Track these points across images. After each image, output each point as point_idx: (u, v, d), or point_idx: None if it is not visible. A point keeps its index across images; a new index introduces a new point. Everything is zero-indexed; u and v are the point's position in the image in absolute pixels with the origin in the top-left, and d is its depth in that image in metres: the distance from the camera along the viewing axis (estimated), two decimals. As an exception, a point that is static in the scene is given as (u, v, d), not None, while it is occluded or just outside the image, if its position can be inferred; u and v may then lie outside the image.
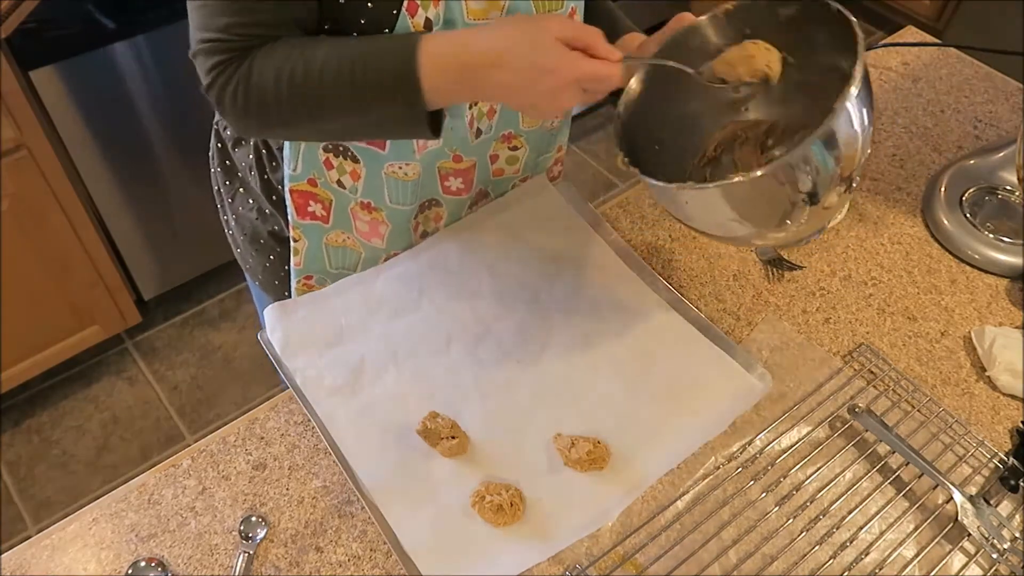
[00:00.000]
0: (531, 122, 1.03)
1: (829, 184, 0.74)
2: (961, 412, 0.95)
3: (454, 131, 0.96)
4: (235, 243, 1.16)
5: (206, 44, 0.80)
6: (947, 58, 1.42)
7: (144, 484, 0.88)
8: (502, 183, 1.11)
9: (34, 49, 1.61)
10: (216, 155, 1.09)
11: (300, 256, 1.06)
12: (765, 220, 0.79)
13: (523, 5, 0.87)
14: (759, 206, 0.78)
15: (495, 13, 0.86)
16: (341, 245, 1.06)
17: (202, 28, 0.80)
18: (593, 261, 1.06)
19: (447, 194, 1.05)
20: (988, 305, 1.06)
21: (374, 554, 0.84)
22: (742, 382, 0.94)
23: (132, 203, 1.96)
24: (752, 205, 0.77)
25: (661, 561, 0.82)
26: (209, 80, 0.81)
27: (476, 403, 0.93)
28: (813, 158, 0.72)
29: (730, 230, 0.81)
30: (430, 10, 0.82)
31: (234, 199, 1.10)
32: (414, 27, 0.82)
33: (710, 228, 0.83)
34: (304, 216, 1.02)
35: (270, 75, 0.79)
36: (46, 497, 1.95)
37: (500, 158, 1.07)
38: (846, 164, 0.74)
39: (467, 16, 0.85)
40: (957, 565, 0.83)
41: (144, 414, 2.10)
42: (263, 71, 0.79)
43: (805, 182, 0.73)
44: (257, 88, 0.79)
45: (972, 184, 1.17)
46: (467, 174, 1.04)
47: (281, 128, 0.85)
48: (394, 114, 0.80)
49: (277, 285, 1.12)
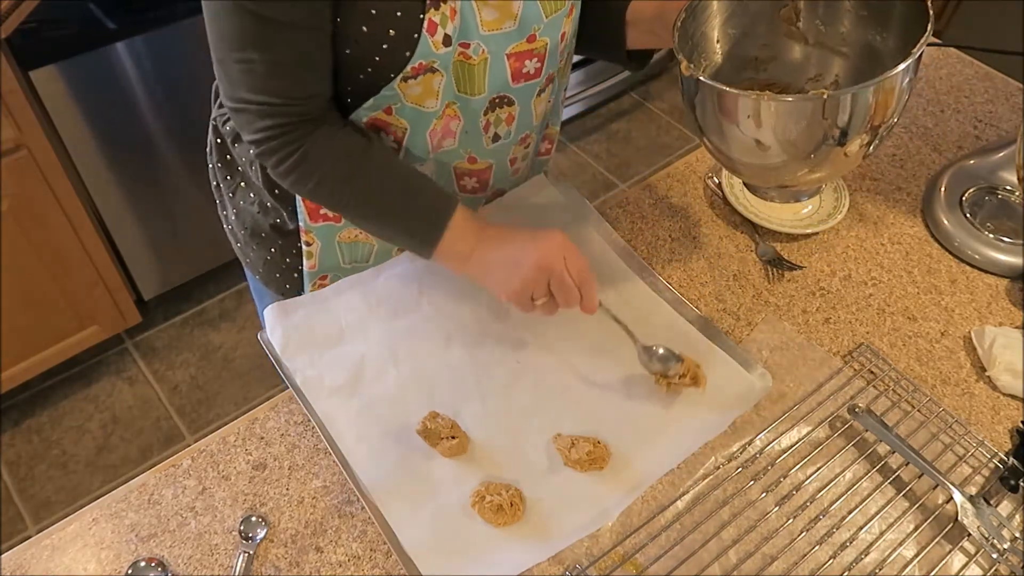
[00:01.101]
0: (540, 116, 1.04)
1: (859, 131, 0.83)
2: (961, 412, 0.95)
3: (468, 135, 0.97)
4: (235, 238, 1.16)
5: (257, 107, 0.84)
6: (947, 58, 1.42)
7: (144, 484, 0.88)
8: (519, 181, 1.13)
9: (34, 49, 1.61)
10: (215, 150, 1.09)
11: (314, 259, 1.06)
12: (796, 149, 0.86)
13: (534, 11, 0.88)
14: (798, 133, 0.84)
15: (509, 23, 0.87)
16: (354, 240, 1.06)
17: (251, 90, 0.83)
18: (593, 261, 1.06)
19: (463, 192, 1.07)
20: (988, 305, 1.06)
21: (374, 554, 0.84)
22: (742, 382, 0.94)
23: (132, 203, 1.96)
24: (793, 131, 0.84)
25: (661, 561, 0.82)
26: (259, 138, 0.86)
27: (476, 403, 0.93)
28: (865, 101, 0.81)
29: (761, 156, 0.87)
30: (448, 26, 0.84)
31: (235, 194, 1.10)
32: (434, 45, 0.84)
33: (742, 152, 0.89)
34: (316, 219, 1.02)
35: (328, 163, 0.87)
36: (46, 497, 1.95)
37: (518, 159, 1.08)
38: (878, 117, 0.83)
39: (482, 28, 0.86)
40: (957, 565, 0.83)
41: (144, 414, 2.10)
42: (322, 158, 0.87)
43: (844, 120, 0.82)
44: (312, 168, 0.87)
45: (972, 184, 1.17)
46: (482, 174, 1.05)
47: (316, 200, 0.95)
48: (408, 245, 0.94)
49: (279, 278, 1.12)
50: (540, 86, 0.97)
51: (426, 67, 0.86)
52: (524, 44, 0.90)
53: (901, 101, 0.83)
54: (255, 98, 0.83)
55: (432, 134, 0.94)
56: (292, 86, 0.84)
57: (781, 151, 0.86)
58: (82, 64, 1.69)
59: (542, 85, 0.98)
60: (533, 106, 0.99)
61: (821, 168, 0.88)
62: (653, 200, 1.18)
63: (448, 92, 0.90)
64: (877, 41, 0.93)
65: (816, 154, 0.85)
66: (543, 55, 0.93)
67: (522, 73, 0.93)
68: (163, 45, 1.77)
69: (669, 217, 1.16)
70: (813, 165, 0.87)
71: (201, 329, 2.27)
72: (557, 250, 0.87)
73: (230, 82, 0.84)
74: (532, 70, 0.94)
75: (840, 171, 1.03)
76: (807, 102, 0.82)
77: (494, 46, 0.88)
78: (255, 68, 0.81)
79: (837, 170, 0.92)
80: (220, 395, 2.14)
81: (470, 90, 0.91)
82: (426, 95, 0.89)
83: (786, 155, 0.86)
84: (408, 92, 0.88)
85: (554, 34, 0.92)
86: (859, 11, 0.93)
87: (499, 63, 0.90)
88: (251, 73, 0.82)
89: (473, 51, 0.87)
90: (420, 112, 0.91)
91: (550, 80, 0.99)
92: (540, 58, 0.93)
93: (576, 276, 0.88)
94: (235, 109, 0.86)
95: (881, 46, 0.92)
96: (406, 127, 0.93)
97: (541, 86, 0.98)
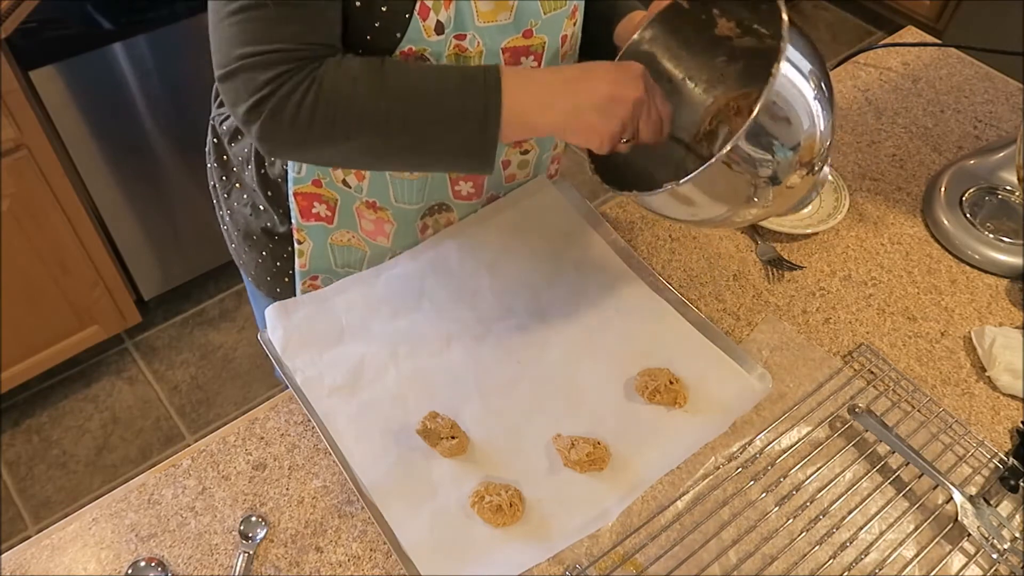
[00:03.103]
0: None
1: (788, 168, 0.77)
2: (961, 412, 0.95)
3: None
4: (230, 239, 1.16)
5: (260, 57, 0.76)
6: (947, 58, 1.42)
7: (144, 484, 0.88)
8: (514, 188, 1.12)
9: (34, 49, 1.61)
10: (212, 150, 1.09)
11: (305, 258, 1.06)
12: (733, 200, 0.80)
13: (531, 6, 0.87)
14: (724, 190, 0.79)
15: (504, 15, 0.86)
16: (346, 244, 1.06)
17: (252, 42, 0.76)
18: (593, 261, 1.06)
19: (457, 198, 1.06)
20: (988, 305, 1.06)
21: (374, 554, 0.84)
22: (742, 382, 0.94)
23: (132, 203, 1.96)
24: (717, 191, 0.79)
25: (661, 561, 0.82)
26: (265, 92, 0.76)
27: (476, 403, 0.93)
28: (751, 149, 0.74)
29: (705, 214, 0.83)
30: (441, 13, 0.83)
31: (229, 195, 1.10)
32: (425, 31, 0.83)
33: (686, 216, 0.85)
34: (308, 218, 1.02)
35: (346, 83, 0.77)
36: (46, 497, 1.95)
37: (512, 163, 1.07)
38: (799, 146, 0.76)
39: (477, 19, 0.85)
40: (957, 565, 0.83)
41: (144, 414, 2.10)
42: (337, 80, 0.77)
43: (760, 168, 0.76)
44: (331, 94, 0.77)
45: (972, 184, 1.17)
46: (477, 179, 1.04)
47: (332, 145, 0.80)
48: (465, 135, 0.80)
49: (269, 281, 1.12)
50: None
51: (416, 54, 0.84)
52: (520, 39, 0.89)
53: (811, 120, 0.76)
54: (259, 48, 0.76)
55: None
56: (305, 32, 0.77)
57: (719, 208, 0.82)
58: (82, 64, 1.69)
59: None
60: None
61: (772, 205, 0.82)
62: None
63: None
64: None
65: (758, 196, 0.79)
66: (540, 54, 0.92)
67: None
68: (163, 45, 1.77)
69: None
70: (760, 207, 0.82)
71: (201, 329, 2.27)
72: (643, 80, 0.81)
73: (230, 41, 0.77)
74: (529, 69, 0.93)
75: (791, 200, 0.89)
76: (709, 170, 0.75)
77: (489, 39, 0.87)
78: (267, 13, 0.76)
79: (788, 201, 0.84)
80: (220, 395, 2.14)
81: None
82: None
83: (727, 208, 0.82)
84: None
85: (553, 34, 0.92)
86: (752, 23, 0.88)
87: (494, 58, 0.89)
88: (259, 20, 0.76)
89: (469, 43, 0.87)
90: None
91: None
92: (537, 57, 0.92)
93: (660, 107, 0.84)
94: (232, 72, 0.77)
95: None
96: None
97: None
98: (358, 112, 0.78)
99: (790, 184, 0.78)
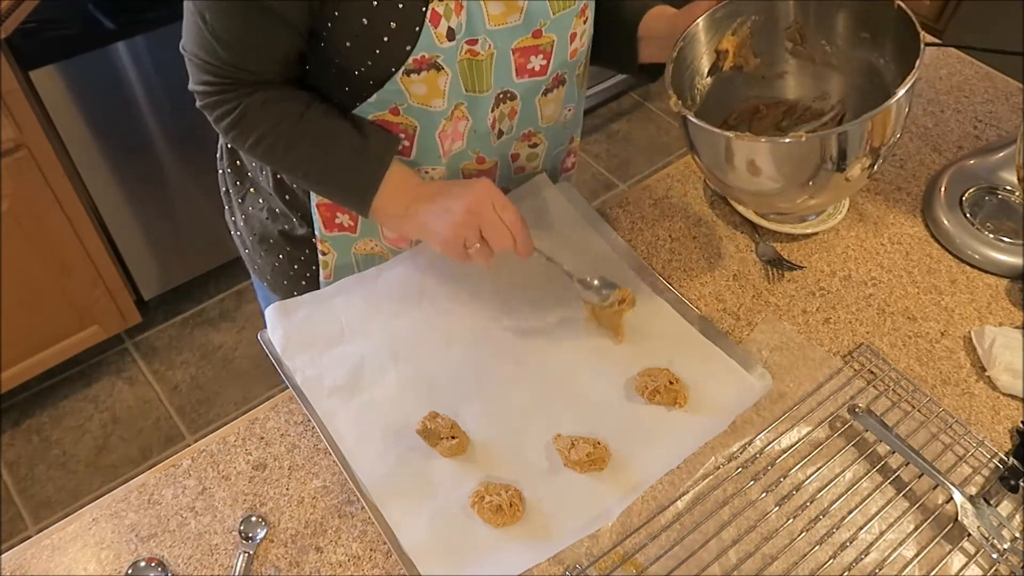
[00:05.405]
0: (549, 119, 1.04)
1: (859, 156, 0.82)
2: (961, 412, 0.95)
3: (477, 134, 0.97)
4: (243, 244, 1.16)
5: (198, 61, 0.86)
6: (947, 58, 1.42)
7: (144, 484, 0.88)
8: (523, 180, 1.12)
9: (34, 49, 1.61)
10: (225, 155, 1.10)
11: (330, 268, 1.07)
12: (793, 178, 0.85)
13: (540, 6, 0.88)
14: (795, 167, 0.84)
15: (514, 16, 0.87)
16: (370, 252, 1.06)
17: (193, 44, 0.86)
18: (593, 261, 1.06)
19: None
20: (988, 305, 1.06)
21: (374, 554, 0.84)
22: (742, 382, 0.94)
23: (132, 203, 1.96)
24: (789, 165, 0.84)
25: (661, 561, 0.82)
26: (200, 90, 0.89)
27: (476, 403, 0.93)
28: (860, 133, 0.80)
29: (759, 185, 0.86)
30: (452, 19, 0.83)
31: (244, 199, 1.10)
32: (437, 37, 0.84)
33: (738, 181, 0.88)
34: (332, 228, 1.02)
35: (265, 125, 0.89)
36: (46, 497, 1.95)
37: (521, 156, 1.08)
38: (877, 140, 0.82)
39: (488, 23, 0.86)
40: (957, 565, 0.83)
41: (144, 414, 2.10)
42: (258, 120, 0.89)
43: (843, 150, 0.81)
44: (249, 126, 0.89)
45: (972, 184, 1.17)
46: (490, 174, 1.05)
47: (250, 153, 0.94)
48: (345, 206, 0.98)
49: (286, 285, 1.12)
50: (546, 85, 0.97)
51: (429, 61, 0.85)
52: (529, 39, 0.90)
53: (900, 121, 0.83)
54: (197, 52, 0.85)
55: (443, 136, 0.94)
56: (235, 59, 0.85)
57: (777, 181, 0.85)
58: (82, 64, 1.69)
59: (548, 84, 0.97)
60: (538, 104, 0.99)
61: (821, 194, 0.87)
62: (653, 200, 1.18)
63: (456, 92, 0.90)
64: (878, 61, 0.91)
65: (815, 180, 0.84)
66: (549, 52, 0.93)
67: (526, 68, 0.93)
68: (163, 45, 1.77)
69: (669, 217, 1.16)
70: (813, 192, 0.86)
71: (201, 329, 2.27)
72: (485, 195, 0.88)
73: (186, 30, 0.86)
74: (537, 67, 0.93)
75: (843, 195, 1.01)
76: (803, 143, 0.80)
77: (500, 41, 0.88)
78: (205, 30, 0.83)
79: (840, 194, 0.90)
80: (220, 395, 2.14)
81: (478, 87, 0.91)
82: (432, 95, 0.89)
83: (783, 183, 0.85)
84: (412, 90, 0.88)
85: (563, 32, 0.92)
86: (859, 33, 0.92)
87: (504, 59, 0.90)
88: (201, 32, 0.83)
89: (480, 46, 0.87)
90: (427, 112, 0.91)
91: (559, 81, 0.98)
92: (546, 55, 0.93)
93: (507, 220, 0.89)
94: (185, 57, 0.88)
95: (882, 67, 0.91)
96: (415, 126, 0.92)
97: (547, 85, 0.97)
98: (268, 153, 0.91)
99: (850, 176, 0.83)
